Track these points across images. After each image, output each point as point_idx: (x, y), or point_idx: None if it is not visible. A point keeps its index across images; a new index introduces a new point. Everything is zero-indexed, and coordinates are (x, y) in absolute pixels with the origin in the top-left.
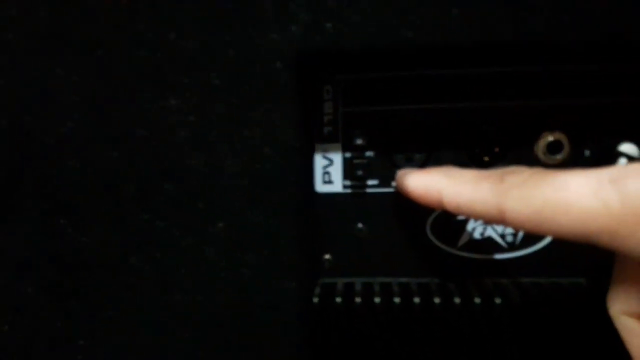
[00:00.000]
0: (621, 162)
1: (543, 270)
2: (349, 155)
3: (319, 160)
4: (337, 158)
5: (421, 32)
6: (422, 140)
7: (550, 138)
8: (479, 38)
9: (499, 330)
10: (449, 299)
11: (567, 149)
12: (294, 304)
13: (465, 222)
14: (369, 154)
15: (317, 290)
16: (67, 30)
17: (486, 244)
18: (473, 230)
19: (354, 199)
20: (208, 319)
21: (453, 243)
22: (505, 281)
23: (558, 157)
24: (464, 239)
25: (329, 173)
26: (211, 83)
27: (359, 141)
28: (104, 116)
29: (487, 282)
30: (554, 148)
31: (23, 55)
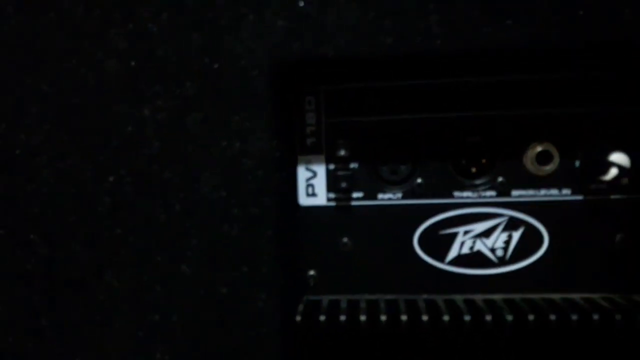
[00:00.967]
0: (612, 173)
1: (535, 286)
2: (332, 167)
3: (302, 173)
4: (321, 170)
5: (400, 39)
6: (408, 151)
7: (539, 148)
8: (460, 45)
9: (489, 349)
10: (438, 317)
11: (557, 159)
12: (275, 323)
13: (454, 236)
14: (354, 165)
15: (301, 307)
16: (38, 40)
17: (476, 259)
18: (462, 244)
19: (339, 212)
20: (184, 338)
21: (441, 257)
22: (496, 297)
23: (547, 168)
24: (453, 253)
25: (313, 185)
26: (186, 93)
27: (343, 152)
28: (76, 128)
29: (477, 299)
30: (543, 158)
31: None
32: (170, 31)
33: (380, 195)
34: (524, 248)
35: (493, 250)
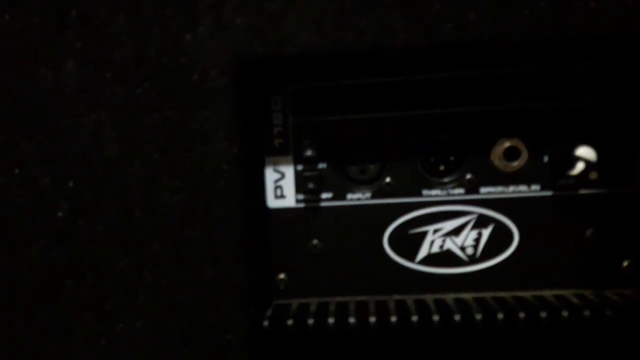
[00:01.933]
0: (579, 167)
1: (506, 283)
2: (300, 167)
3: (270, 174)
4: (289, 171)
5: (362, 36)
6: (376, 150)
7: (507, 144)
8: (422, 41)
9: (459, 349)
10: (407, 318)
11: (525, 155)
12: (241, 328)
13: (424, 235)
14: (322, 165)
15: (269, 312)
16: None
17: (446, 258)
18: (432, 243)
19: (308, 213)
20: (148, 346)
21: (412, 257)
22: (466, 296)
23: (515, 164)
24: (423, 252)
25: (281, 187)
26: (144, 94)
27: (310, 153)
28: (33, 131)
29: (448, 298)
30: (511, 154)
31: None
32: (127, 31)
33: (349, 196)
34: (494, 246)
35: (463, 248)
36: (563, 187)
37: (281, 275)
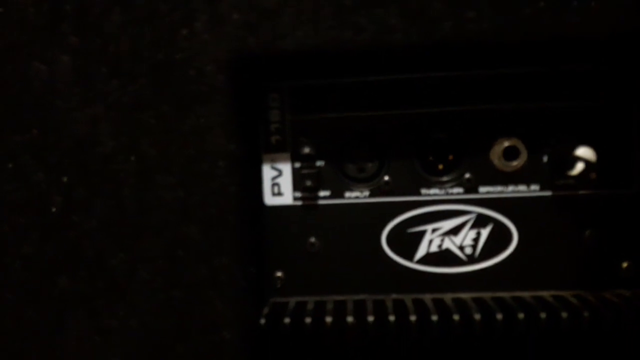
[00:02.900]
0: (579, 167)
1: (505, 283)
2: (298, 165)
3: (268, 171)
4: (287, 168)
5: (360, 33)
6: (374, 148)
7: (506, 144)
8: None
9: (457, 349)
10: (405, 317)
11: (524, 155)
12: (238, 326)
13: (423, 234)
14: (320, 163)
15: (266, 310)
16: None
17: (445, 257)
18: (431, 242)
19: (306, 211)
20: (143, 344)
21: (410, 256)
22: (464, 296)
23: (514, 164)
24: (422, 251)
25: (279, 184)
26: (140, 89)
27: (308, 150)
28: (27, 126)
29: (446, 298)
30: (510, 154)
31: None
32: (122, 26)
33: (347, 194)
34: (493, 245)
35: (462, 248)
36: (562, 187)
37: (278, 273)
